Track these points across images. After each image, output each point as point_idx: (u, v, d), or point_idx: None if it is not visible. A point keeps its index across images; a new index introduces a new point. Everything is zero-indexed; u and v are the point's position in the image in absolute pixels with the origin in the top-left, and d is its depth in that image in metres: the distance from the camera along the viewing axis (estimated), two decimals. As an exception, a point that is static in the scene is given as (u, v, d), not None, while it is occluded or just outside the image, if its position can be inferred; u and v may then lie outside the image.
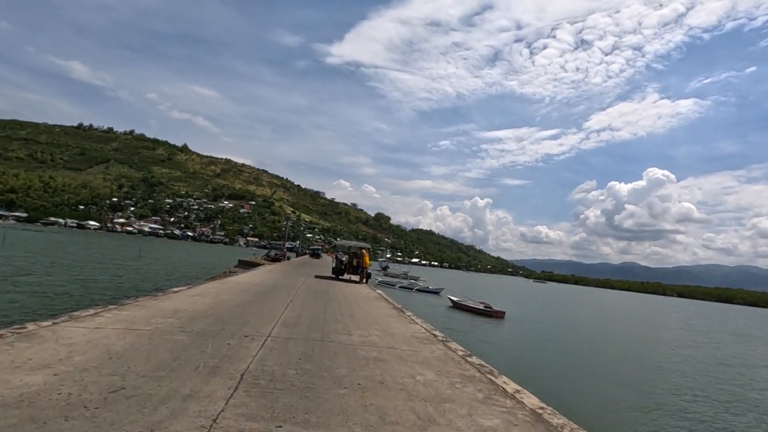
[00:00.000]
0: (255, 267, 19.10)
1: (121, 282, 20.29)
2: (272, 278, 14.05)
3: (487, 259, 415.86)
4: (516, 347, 19.23)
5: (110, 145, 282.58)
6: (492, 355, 14.99)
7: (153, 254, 47.36)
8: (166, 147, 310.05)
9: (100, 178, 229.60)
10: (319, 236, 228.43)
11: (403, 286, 44.47)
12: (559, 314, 40.46)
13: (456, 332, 18.60)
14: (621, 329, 33.15)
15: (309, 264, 28.46)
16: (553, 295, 78.73)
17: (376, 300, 11.84)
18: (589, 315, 44.30)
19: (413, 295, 38.68)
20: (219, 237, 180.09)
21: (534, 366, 15.80)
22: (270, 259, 28.82)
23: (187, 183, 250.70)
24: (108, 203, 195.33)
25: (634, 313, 55.89)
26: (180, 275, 26.10)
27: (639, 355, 21.91)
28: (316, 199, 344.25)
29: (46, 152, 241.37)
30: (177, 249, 70.71)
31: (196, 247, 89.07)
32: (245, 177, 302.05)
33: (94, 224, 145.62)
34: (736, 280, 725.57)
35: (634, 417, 11.74)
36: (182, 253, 59.03)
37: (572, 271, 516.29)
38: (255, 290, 10.36)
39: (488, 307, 29.62)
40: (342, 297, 11.33)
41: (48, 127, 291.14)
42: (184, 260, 41.67)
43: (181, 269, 30.98)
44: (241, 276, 14.39)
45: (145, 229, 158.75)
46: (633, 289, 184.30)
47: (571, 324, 32.99)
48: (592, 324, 34.74)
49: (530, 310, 38.73)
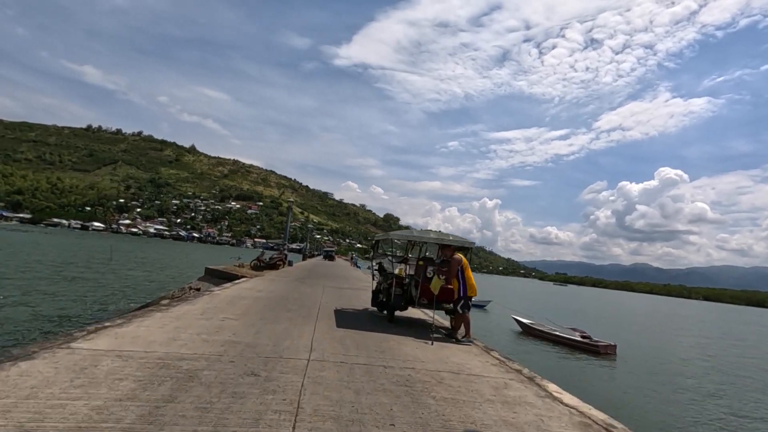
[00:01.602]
0: (231, 280, 11.76)
1: (39, 309, 13.24)
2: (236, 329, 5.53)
3: (498, 261, 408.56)
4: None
5: (118, 147, 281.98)
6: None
7: (135, 257, 42.41)
8: (174, 148, 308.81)
9: (107, 179, 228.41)
10: (328, 237, 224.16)
11: None
12: (659, 336, 29.36)
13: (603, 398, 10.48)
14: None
15: (318, 274, 20.40)
16: (596, 302, 69.06)
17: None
18: (689, 334, 32.83)
19: None
20: (226, 238, 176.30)
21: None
22: (260, 267, 18.01)
23: (194, 184, 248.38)
24: (114, 204, 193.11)
25: (712, 325, 46.98)
26: (121, 297, 17.57)
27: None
28: (325, 200, 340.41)
29: (55, 154, 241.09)
30: (168, 251, 65.71)
31: (195, 249, 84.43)
32: (253, 178, 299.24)
33: (98, 225, 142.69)
34: (751, 282, 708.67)
35: None
36: (168, 255, 53.36)
37: (582, 272, 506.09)
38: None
39: (586, 336, 18.94)
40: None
41: (57, 129, 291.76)
42: (158, 266, 34.55)
43: (140, 284, 22.41)
44: (164, 318, 5.94)
45: (150, 230, 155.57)
46: (655, 291, 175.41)
47: (699, 355, 22.01)
48: (720, 351, 24.35)
49: (616, 332, 26.95)
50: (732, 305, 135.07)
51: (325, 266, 32.42)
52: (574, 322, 24.68)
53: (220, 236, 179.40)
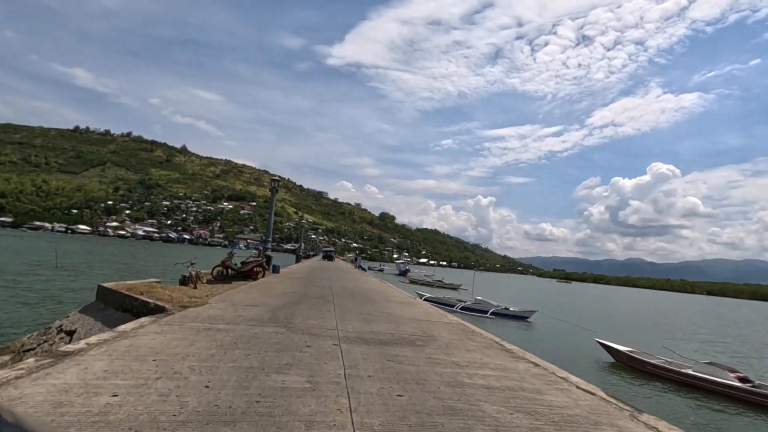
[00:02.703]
0: (140, 313, 6.66)
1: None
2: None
3: (495, 258, 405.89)
4: None
5: (107, 148, 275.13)
6: None
7: (93, 261, 37.49)
8: (165, 149, 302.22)
9: (95, 181, 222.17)
10: (323, 237, 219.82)
11: (466, 308, 25.15)
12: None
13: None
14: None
15: (319, 288, 12.81)
16: (613, 301, 62.42)
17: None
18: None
19: (486, 323, 21.69)
20: (218, 239, 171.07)
21: None
22: (225, 276, 12.28)
23: (185, 185, 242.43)
24: (102, 206, 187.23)
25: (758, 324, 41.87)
26: (22, 317, 13.42)
27: None
28: (319, 199, 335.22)
29: (41, 156, 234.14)
30: (146, 253, 60.87)
31: (179, 251, 79.36)
32: (246, 178, 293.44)
33: (84, 228, 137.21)
34: (744, 275, 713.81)
35: None
36: (139, 258, 47.99)
37: (578, 268, 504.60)
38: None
39: (746, 379, 11.77)
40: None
41: (43, 131, 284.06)
42: (101, 274, 26.23)
43: (49, 304, 16.23)
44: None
45: (138, 232, 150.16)
46: (658, 287, 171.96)
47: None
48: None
49: (718, 351, 20.86)
50: (736, 300, 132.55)
51: (325, 270, 26.28)
52: (615, 331, 20.33)
53: (212, 237, 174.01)
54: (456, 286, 47.80)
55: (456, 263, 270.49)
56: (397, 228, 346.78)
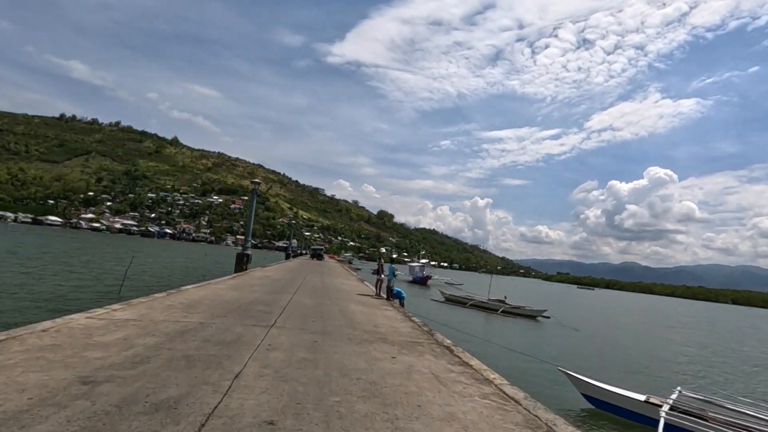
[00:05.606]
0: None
1: None
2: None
3: (494, 260, 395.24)
4: None
5: (93, 137, 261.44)
6: None
7: (31, 261, 26.66)
8: (155, 140, 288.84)
9: (78, 171, 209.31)
10: (319, 234, 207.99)
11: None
12: None
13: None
14: None
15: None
16: (667, 315, 53.78)
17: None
18: None
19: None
20: (203, 235, 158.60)
21: None
22: None
23: (174, 177, 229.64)
24: (82, 197, 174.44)
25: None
26: None
27: None
28: (315, 195, 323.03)
29: (21, 143, 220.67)
30: (109, 249, 49.62)
31: (152, 248, 67.92)
32: (239, 172, 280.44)
33: (55, 220, 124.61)
34: (738, 281, 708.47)
35: None
36: (89, 259, 37.48)
37: (573, 271, 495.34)
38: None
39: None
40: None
41: (27, 118, 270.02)
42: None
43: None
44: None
45: (115, 225, 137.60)
46: (677, 294, 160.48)
47: None
48: None
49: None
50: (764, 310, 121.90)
51: (309, 271, 20.36)
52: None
53: (197, 233, 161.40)
54: (538, 313, 28.55)
55: (457, 264, 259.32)
56: (395, 227, 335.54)
